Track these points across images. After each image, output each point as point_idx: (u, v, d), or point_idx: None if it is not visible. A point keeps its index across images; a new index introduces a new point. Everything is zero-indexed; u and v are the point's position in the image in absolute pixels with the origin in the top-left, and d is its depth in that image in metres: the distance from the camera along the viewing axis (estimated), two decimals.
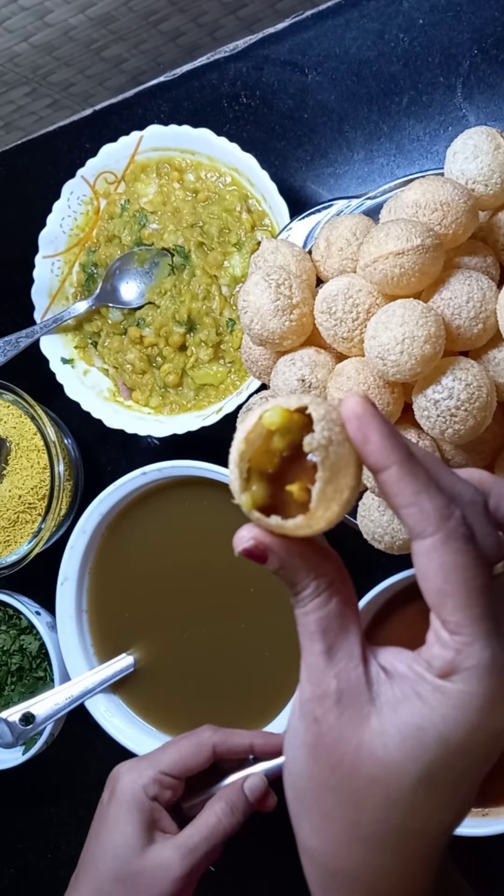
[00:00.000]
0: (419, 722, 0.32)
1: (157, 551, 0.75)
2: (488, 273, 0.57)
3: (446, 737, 0.32)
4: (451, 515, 0.32)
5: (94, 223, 0.81)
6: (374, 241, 0.53)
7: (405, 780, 0.33)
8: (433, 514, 0.32)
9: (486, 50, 0.73)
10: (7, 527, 0.78)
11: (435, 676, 0.33)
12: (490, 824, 0.66)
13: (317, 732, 0.34)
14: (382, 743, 0.33)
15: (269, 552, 0.33)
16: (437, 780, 0.33)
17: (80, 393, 0.79)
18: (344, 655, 0.34)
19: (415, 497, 0.32)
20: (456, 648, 0.32)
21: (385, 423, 0.32)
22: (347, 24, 0.76)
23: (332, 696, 0.33)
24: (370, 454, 0.32)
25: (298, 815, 0.36)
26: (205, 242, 0.77)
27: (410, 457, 0.32)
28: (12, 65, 0.93)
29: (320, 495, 0.31)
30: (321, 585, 0.34)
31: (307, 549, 0.34)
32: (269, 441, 0.33)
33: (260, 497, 0.33)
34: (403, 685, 0.33)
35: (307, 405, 0.32)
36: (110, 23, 0.91)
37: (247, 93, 0.79)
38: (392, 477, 0.32)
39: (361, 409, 0.32)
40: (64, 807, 0.87)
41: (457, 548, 0.32)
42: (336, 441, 0.32)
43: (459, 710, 0.32)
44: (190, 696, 0.75)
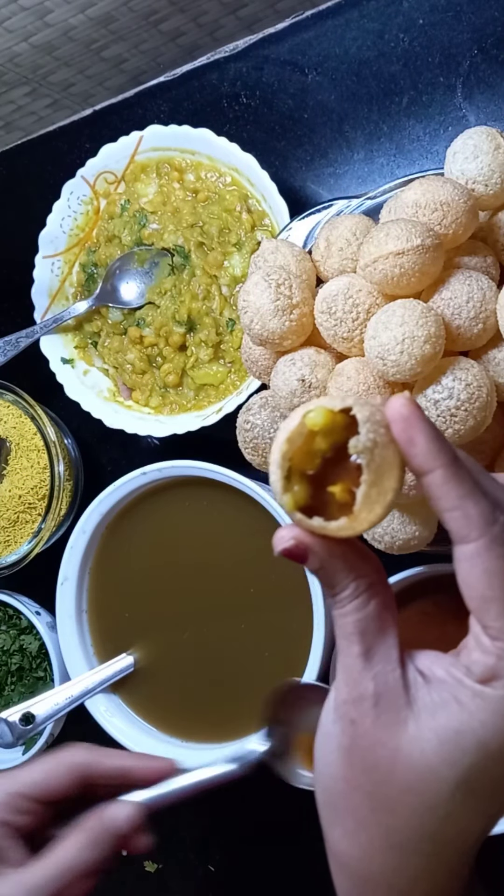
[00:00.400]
0: (457, 727, 0.32)
1: (157, 551, 0.75)
2: (488, 273, 0.57)
3: (485, 742, 0.32)
4: (496, 521, 0.32)
5: (94, 223, 0.81)
6: (374, 241, 0.53)
7: (442, 786, 0.32)
8: (478, 519, 0.32)
9: (486, 50, 0.73)
10: (7, 527, 0.78)
11: (475, 682, 0.32)
12: None
13: (353, 735, 0.34)
14: (420, 748, 0.32)
15: (310, 553, 0.33)
16: (474, 787, 0.32)
17: (80, 393, 0.79)
18: (382, 658, 0.34)
19: (459, 501, 0.32)
20: (498, 654, 0.32)
21: (430, 426, 0.32)
22: (347, 24, 0.76)
23: (370, 699, 0.33)
24: (415, 456, 0.32)
25: (330, 820, 0.36)
26: (205, 242, 0.77)
27: (456, 460, 0.32)
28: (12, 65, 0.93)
29: (365, 498, 0.31)
30: (361, 587, 0.34)
31: (347, 549, 0.34)
32: (311, 442, 0.33)
33: (302, 497, 0.33)
34: (442, 690, 0.33)
35: (351, 406, 0.32)
36: (110, 23, 0.91)
37: (247, 93, 0.79)
38: (437, 480, 0.32)
39: (408, 410, 0.32)
40: None
41: (501, 553, 0.32)
42: (381, 444, 0.32)
43: (499, 716, 0.32)
44: (190, 696, 0.75)
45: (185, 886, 0.82)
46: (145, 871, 0.83)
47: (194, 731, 0.74)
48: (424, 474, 0.32)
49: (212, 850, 0.82)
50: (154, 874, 0.83)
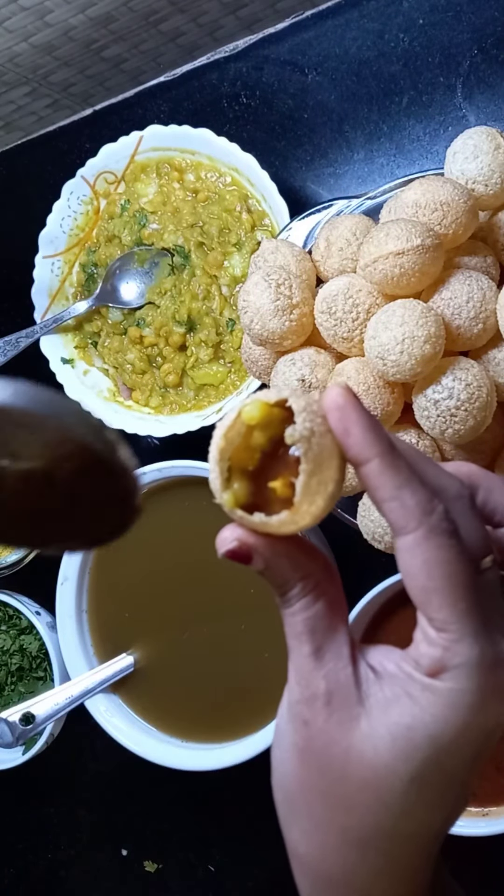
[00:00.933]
0: (409, 722, 0.32)
1: (157, 551, 0.75)
2: (488, 273, 0.57)
3: (437, 736, 0.31)
4: (434, 510, 0.31)
5: (94, 223, 0.81)
6: (374, 241, 0.53)
7: (396, 782, 0.32)
8: (415, 509, 0.31)
9: (486, 50, 0.73)
10: None
11: (424, 675, 0.32)
12: (490, 824, 0.66)
13: (306, 735, 0.33)
14: (372, 745, 0.32)
15: (254, 552, 0.32)
16: (428, 781, 0.32)
17: (80, 393, 0.79)
18: (332, 656, 0.33)
19: (396, 491, 0.31)
20: (443, 646, 0.31)
21: (366, 415, 0.32)
22: (347, 24, 0.76)
23: (322, 698, 0.33)
24: (351, 446, 0.32)
25: (288, 821, 0.36)
26: (205, 242, 0.77)
27: (392, 450, 0.32)
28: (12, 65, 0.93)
29: (304, 488, 0.31)
30: (308, 585, 0.33)
31: (293, 548, 0.33)
32: (248, 437, 0.32)
33: (242, 495, 0.32)
34: (393, 685, 0.32)
35: (287, 398, 0.31)
36: (110, 23, 0.91)
37: (247, 93, 0.79)
38: (373, 470, 0.31)
39: (343, 399, 0.31)
40: (64, 807, 0.87)
41: (440, 543, 0.31)
42: (318, 433, 0.31)
43: (449, 709, 0.31)
44: (189, 696, 0.75)
45: (185, 886, 0.82)
46: (145, 871, 0.83)
47: (194, 731, 0.74)
48: (361, 464, 0.32)
49: (212, 850, 0.82)
50: (154, 874, 0.83)
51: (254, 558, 0.33)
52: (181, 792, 0.82)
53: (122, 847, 0.84)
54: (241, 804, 0.80)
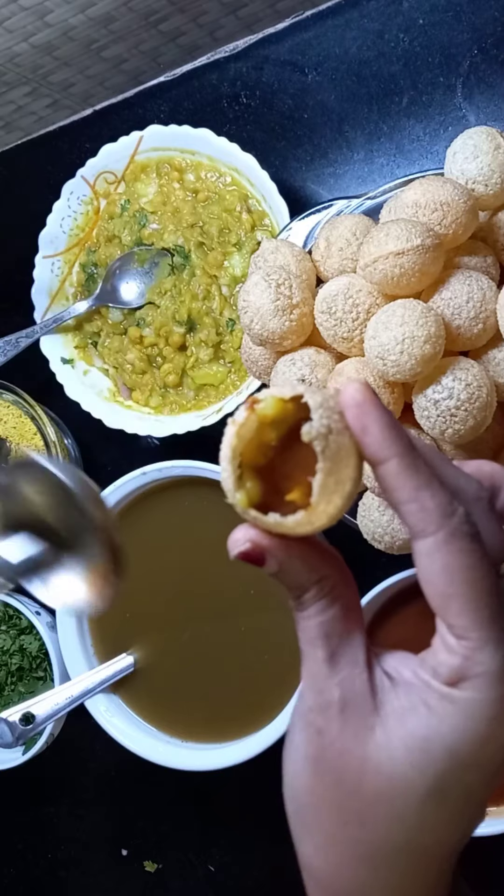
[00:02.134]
0: (426, 733, 0.30)
1: (157, 551, 0.75)
2: (488, 273, 0.57)
3: (455, 748, 0.30)
4: (455, 513, 0.30)
5: (94, 223, 0.81)
6: (374, 241, 0.53)
7: (412, 795, 0.31)
8: (435, 512, 0.30)
9: (486, 50, 0.73)
10: None
11: (442, 684, 0.31)
12: (490, 824, 0.66)
13: (319, 745, 0.32)
14: (388, 756, 0.31)
15: (268, 554, 0.31)
16: (446, 795, 0.31)
17: (80, 393, 0.79)
18: (348, 662, 0.32)
19: (415, 493, 0.30)
20: (464, 654, 0.30)
21: (386, 413, 0.30)
22: (347, 24, 0.76)
23: (336, 706, 0.31)
24: (369, 445, 0.30)
25: (300, 834, 0.34)
26: (205, 242, 0.77)
27: (412, 450, 0.30)
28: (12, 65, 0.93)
29: (322, 487, 0.29)
30: (324, 589, 0.32)
31: (307, 549, 0.32)
32: (261, 434, 0.31)
33: (255, 495, 0.31)
34: (410, 694, 0.31)
35: (302, 393, 0.30)
36: (110, 23, 0.91)
37: (247, 93, 0.79)
38: (392, 470, 0.30)
39: (362, 396, 0.30)
40: (64, 807, 0.87)
41: (461, 547, 0.30)
42: (336, 430, 0.29)
43: (469, 720, 0.30)
44: (190, 696, 0.75)
45: (185, 886, 0.82)
46: (145, 871, 0.83)
47: (194, 731, 0.74)
48: (379, 464, 0.30)
49: (212, 850, 0.82)
50: (154, 874, 0.83)
51: (267, 560, 0.31)
52: (181, 792, 0.82)
53: (122, 847, 0.84)
54: (241, 804, 0.80)
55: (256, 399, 0.30)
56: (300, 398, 0.30)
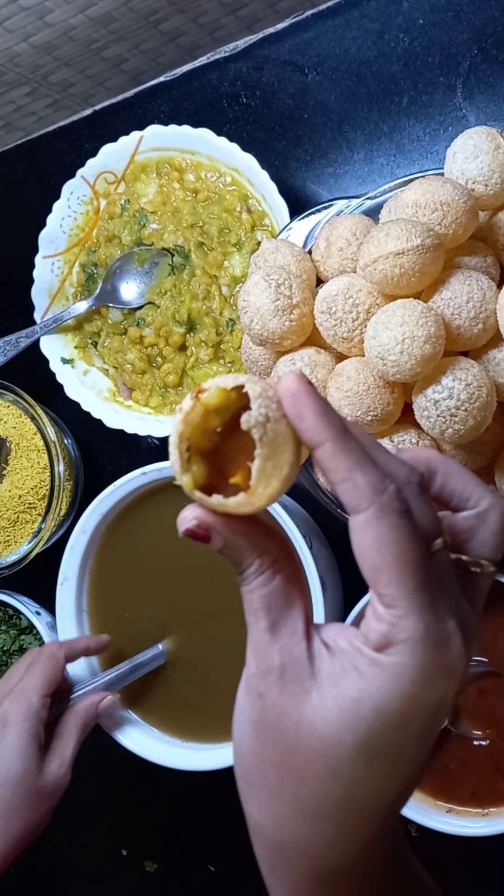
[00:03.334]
0: (356, 694, 0.33)
1: (157, 551, 0.75)
2: (488, 273, 0.57)
3: (382, 708, 0.32)
4: (385, 490, 0.32)
5: (94, 223, 0.81)
6: (374, 241, 0.53)
7: (343, 752, 0.33)
8: (366, 489, 0.32)
9: (486, 50, 0.73)
10: (7, 527, 0.78)
11: (371, 650, 0.33)
12: (490, 824, 0.66)
13: (261, 708, 0.35)
14: (322, 716, 0.33)
15: (213, 532, 0.34)
16: (375, 752, 0.33)
17: (80, 393, 0.79)
18: (287, 632, 0.34)
19: (349, 473, 0.32)
20: (390, 621, 0.32)
21: (319, 401, 0.33)
22: (347, 24, 0.76)
23: (276, 672, 0.34)
24: (305, 431, 0.33)
25: (245, 792, 0.37)
26: (205, 242, 0.77)
27: (345, 433, 0.33)
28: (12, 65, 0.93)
29: (260, 472, 0.32)
30: (265, 563, 0.35)
31: (250, 527, 0.34)
32: (206, 420, 0.33)
33: (200, 477, 0.33)
34: (343, 659, 0.33)
35: (244, 384, 0.33)
36: (110, 23, 0.91)
37: (247, 93, 0.79)
38: (326, 453, 0.33)
39: (296, 386, 0.33)
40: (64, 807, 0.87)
41: (390, 522, 0.32)
42: (273, 418, 0.32)
43: (394, 682, 0.32)
44: (190, 696, 0.75)
45: (185, 886, 0.82)
46: (145, 871, 0.83)
47: (195, 731, 0.74)
48: (315, 447, 0.33)
49: (212, 850, 0.82)
50: (154, 874, 0.83)
51: (213, 537, 0.34)
52: (181, 792, 0.82)
53: (122, 847, 0.84)
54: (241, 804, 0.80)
55: (202, 388, 0.33)
56: (242, 388, 0.33)
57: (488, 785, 0.67)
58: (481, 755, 0.67)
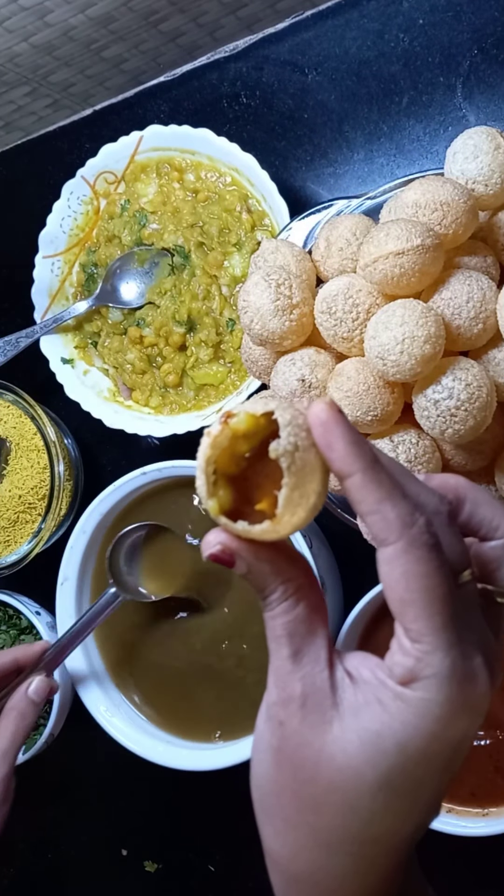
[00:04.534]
0: (379, 728, 0.32)
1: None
2: (488, 273, 0.57)
3: (405, 744, 0.32)
4: (415, 523, 0.32)
5: (94, 223, 0.81)
6: (374, 241, 0.53)
7: (363, 787, 0.33)
8: (395, 522, 0.32)
9: (486, 50, 0.73)
10: (7, 527, 0.78)
11: (396, 683, 0.33)
12: (490, 824, 0.66)
13: (281, 736, 0.34)
14: (343, 748, 0.33)
15: (237, 557, 0.33)
16: (395, 788, 0.33)
17: (80, 393, 0.79)
18: (310, 660, 0.34)
19: (378, 505, 0.32)
20: (417, 657, 0.32)
21: (350, 430, 0.32)
22: (347, 24, 0.76)
23: (297, 701, 0.33)
24: (334, 461, 0.32)
25: (262, 819, 0.36)
26: (205, 242, 0.77)
27: (375, 464, 0.32)
28: (12, 65, 0.93)
29: (287, 501, 0.31)
30: (289, 590, 0.34)
31: (274, 553, 0.34)
32: (234, 445, 0.33)
33: (226, 502, 0.33)
34: (366, 691, 0.33)
35: (273, 410, 0.32)
36: (110, 23, 0.91)
37: (247, 93, 0.79)
38: (356, 484, 0.32)
39: (326, 415, 0.32)
40: (64, 807, 0.87)
41: (419, 556, 0.32)
42: (302, 447, 0.32)
43: (419, 718, 0.32)
44: (190, 695, 0.75)
45: (185, 886, 0.82)
46: (145, 871, 0.83)
47: (195, 730, 0.74)
48: (344, 478, 0.32)
49: (212, 850, 0.82)
50: (154, 874, 0.83)
51: (237, 563, 0.34)
52: (182, 792, 0.82)
53: (122, 847, 0.84)
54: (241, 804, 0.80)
55: (231, 413, 0.33)
56: (271, 414, 0.32)
57: (488, 785, 0.67)
58: (481, 755, 0.67)
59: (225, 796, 0.81)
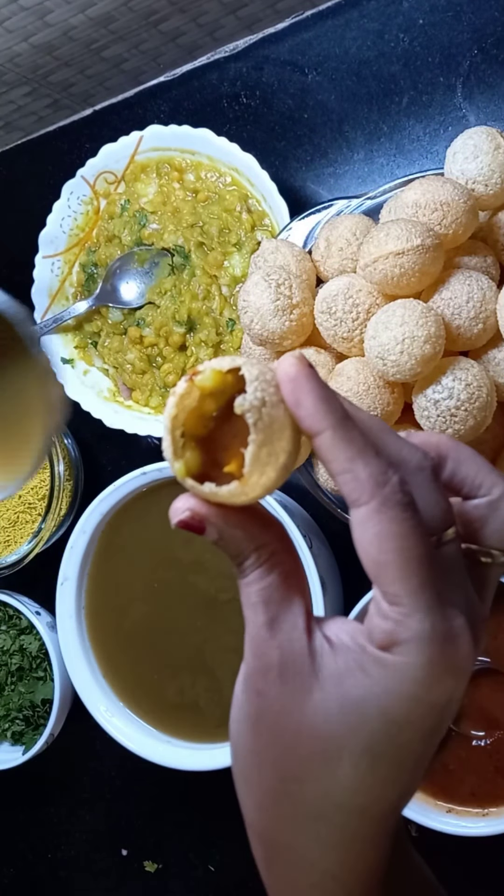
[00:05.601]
0: (360, 694, 0.31)
1: (156, 551, 0.75)
2: (488, 273, 0.57)
3: (387, 709, 0.31)
4: (387, 482, 0.30)
5: (94, 223, 0.81)
6: (374, 241, 0.53)
7: (346, 756, 0.32)
8: (367, 482, 0.30)
9: (486, 50, 0.73)
10: (7, 527, 0.78)
11: (376, 648, 0.32)
12: (490, 824, 0.66)
13: (259, 706, 0.33)
14: (323, 716, 0.32)
15: (207, 523, 0.32)
16: (379, 755, 0.32)
17: (80, 393, 0.79)
18: (287, 627, 0.33)
19: (349, 464, 0.31)
20: (395, 619, 0.31)
21: (320, 386, 0.31)
22: (347, 24, 0.76)
23: (275, 669, 0.32)
24: (303, 418, 0.31)
25: (242, 790, 0.36)
26: (205, 242, 0.77)
27: (345, 421, 0.31)
28: (12, 65, 0.93)
29: (254, 459, 0.30)
30: (262, 556, 0.33)
31: (246, 518, 0.33)
32: (202, 405, 0.31)
33: (194, 465, 0.31)
34: (346, 657, 0.32)
35: (240, 366, 0.31)
36: (110, 23, 0.91)
37: (247, 93, 0.79)
38: (325, 442, 0.31)
39: (295, 370, 0.31)
40: (64, 807, 0.87)
41: (392, 516, 0.30)
42: (270, 402, 0.30)
43: (400, 683, 0.31)
44: (190, 696, 0.75)
45: (185, 886, 0.82)
46: (145, 871, 0.83)
47: (195, 731, 0.74)
48: (314, 436, 0.31)
49: (212, 850, 0.82)
50: (154, 874, 0.83)
51: (207, 529, 0.32)
52: (181, 792, 0.82)
53: (122, 847, 0.84)
54: None
55: (197, 370, 0.31)
56: (238, 370, 0.31)
57: (488, 785, 0.67)
58: (481, 755, 0.67)
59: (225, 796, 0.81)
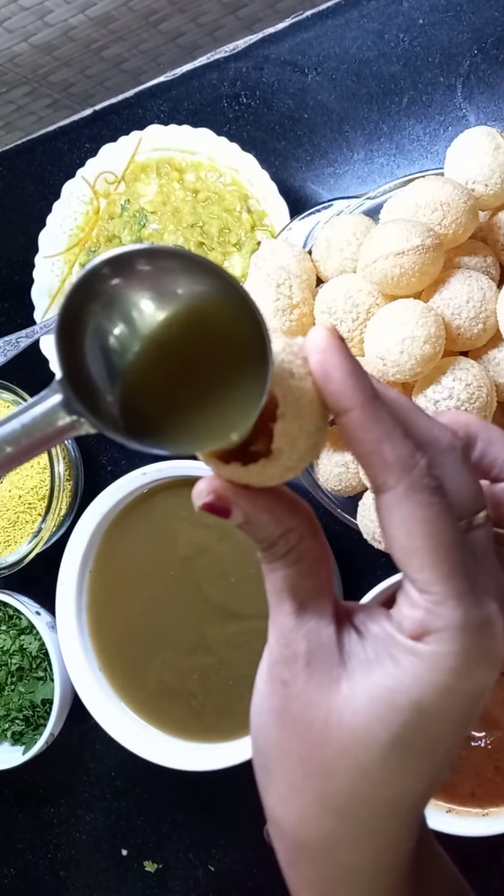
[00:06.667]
0: (391, 684, 0.30)
1: (157, 551, 0.75)
2: (488, 273, 0.57)
3: (419, 699, 0.30)
4: (415, 465, 0.29)
5: (94, 223, 0.81)
6: (374, 241, 0.53)
7: (375, 747, 0.30)
8: (395, 465, 0.29)
9: (486, 50, 0.73)
10: (7, 527, 0.78)
11: (406, 637, 0.30)
12: (490, 824, 0.66)
13: (285, 697, 0.32)
14: (352, 708, 0.30)
15: (233, 506, 0.30)
16: (409, 747, 0.31)
17: None
18: (314, 615, 0.31)
19: (376, 445, 0.29)
20: (426, 608, 0.30)
21: (350, 360, 0.29)
22: (347, 24, 0.76)
23: (302, 659, 0.31)
24: (331, 393, 0.29)
25: (265, 785, 0.34)
26: (205, 242, 0.77)
27: (375, 400, 0.29)
28: (12, 65, 0.93)
29: (281, 434, 0.28)
30: (290, 540, 0.31)
31: (274, 500, 0.31)
32: None
33: None
34: (376, 646, 0.31)
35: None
36: (110, 23, 0.91)
37: (247, 93, 0.79)
38: (353, 421, 0.29)
39: (326, 342, 0.29)
40: (64, 807, 0.87)
41: (420, 500, 0.29)
42: (298, 375, 0.28)
43: (433, 672, 0.30)
44: (190, 695, 0.75)
45: (185, 886, 0.82)
46: (145, 871, 0.83)
47: (195, 730, 0.74)
48: (341, 414, 0.29)
49: (212, 850, 0.82)
50: (154, 874, 0.83)
51: (232, 512, 0.31)
52: (181, 792, 0.82)
53: (122, 847, 0.84)
54: (241, 804, 0.80)
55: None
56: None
57: (488, 785, 0.67)
58: (481, 755, 0.67)
59: (225, 796, 0.81)
